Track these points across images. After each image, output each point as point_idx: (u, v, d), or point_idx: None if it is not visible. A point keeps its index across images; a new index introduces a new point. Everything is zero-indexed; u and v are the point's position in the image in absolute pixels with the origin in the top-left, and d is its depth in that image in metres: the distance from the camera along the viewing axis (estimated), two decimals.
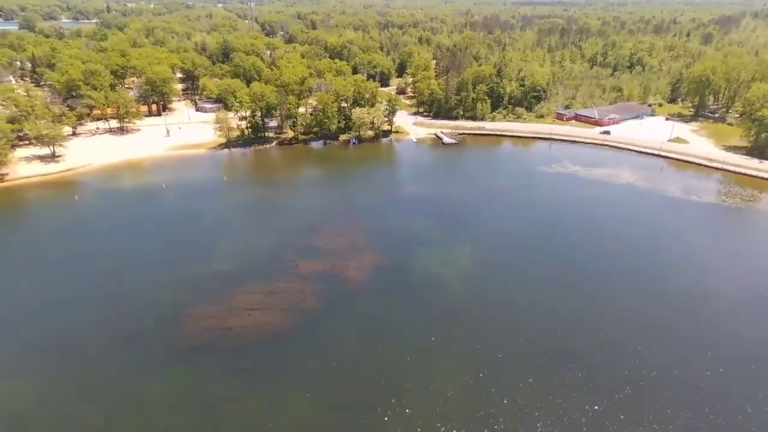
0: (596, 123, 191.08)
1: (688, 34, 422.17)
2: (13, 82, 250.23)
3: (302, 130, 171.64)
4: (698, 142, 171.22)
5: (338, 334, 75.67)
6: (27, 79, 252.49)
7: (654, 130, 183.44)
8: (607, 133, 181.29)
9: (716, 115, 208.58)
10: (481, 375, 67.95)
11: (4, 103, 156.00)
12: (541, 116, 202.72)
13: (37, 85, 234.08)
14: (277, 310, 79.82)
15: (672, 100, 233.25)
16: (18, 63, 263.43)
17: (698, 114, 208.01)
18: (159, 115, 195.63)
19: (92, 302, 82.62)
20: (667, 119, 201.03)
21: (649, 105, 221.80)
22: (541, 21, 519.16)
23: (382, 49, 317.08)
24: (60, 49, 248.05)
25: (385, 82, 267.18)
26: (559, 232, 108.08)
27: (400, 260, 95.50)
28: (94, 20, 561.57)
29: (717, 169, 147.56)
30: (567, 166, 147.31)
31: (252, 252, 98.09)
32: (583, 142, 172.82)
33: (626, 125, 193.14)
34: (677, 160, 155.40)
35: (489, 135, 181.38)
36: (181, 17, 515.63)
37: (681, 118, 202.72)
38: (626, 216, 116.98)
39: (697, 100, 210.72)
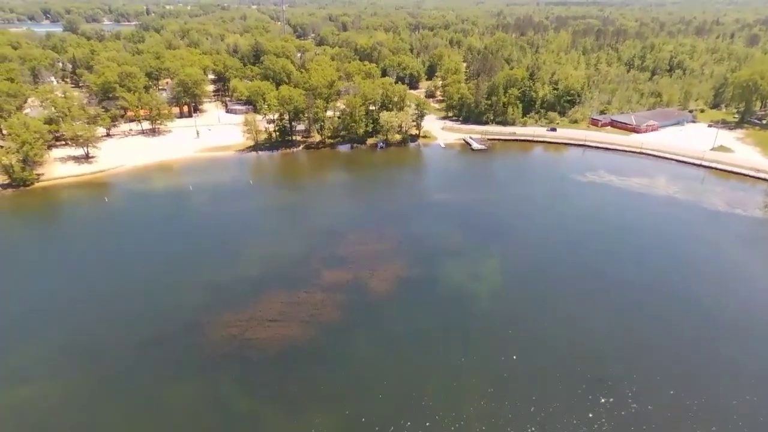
0: (633, 129, 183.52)
1: (732, 36, 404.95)
2: (55, 83, 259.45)
3: (329, 134, 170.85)
4: (744, 151, 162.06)
5: (360, 349, 73.67)
6: (68, 80, 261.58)
7: (695, 138, 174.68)
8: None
9: (764, 122, 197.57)
10: (507, 397, 64.72)
11: (44, 104, 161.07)
12: (575, 121, 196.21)
13: (77, 86, 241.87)
14: (298, 321, 78.39)
15: (715, 106, 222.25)
16: (60, 64, 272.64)
17: (744, 121, 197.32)
18: (190, 116, 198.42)
19: (118, 304, 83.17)
20: (709, 126, 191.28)
21: (690, 111, 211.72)
22: (576, 22, 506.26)
23: (412, 51, 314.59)
24: (99, 51, 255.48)
25: (414, 84, 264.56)
26: (594, 246, 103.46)
27: (426, 272, 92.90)
28: (135, 22, 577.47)
29: (765, 180, 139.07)
30: (602, 175, 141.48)
31: (276, 259, 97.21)
32: (619, 150, 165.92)
33: (665, 132, 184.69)
34: (720, 170, 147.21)
35: (520, 141, 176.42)
36: (216, 19, 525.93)
37: (725, 124, 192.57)
38: (665, 230, 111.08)
39: (743, 105, 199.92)
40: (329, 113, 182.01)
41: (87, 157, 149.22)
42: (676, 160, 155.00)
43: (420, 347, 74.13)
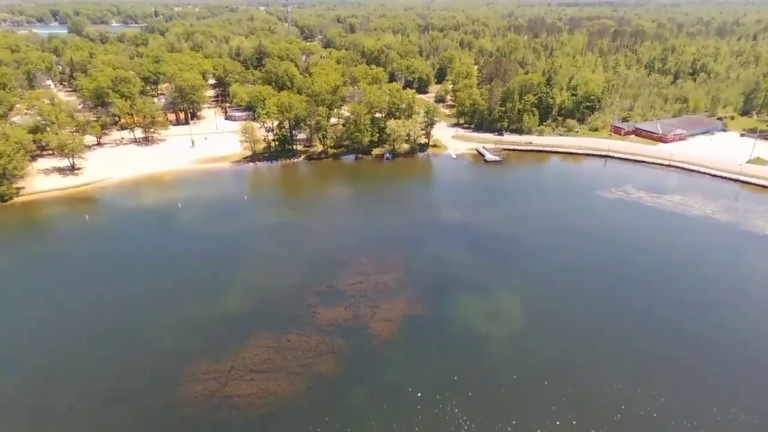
0: (660, 139, 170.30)
1: (754, 38, 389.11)
2: (52, 87, 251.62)
3: (332, 144, 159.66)
4: None
5: (358, 411, 62.19)
6: (66, 84, 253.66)
7: (728, 149, 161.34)
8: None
9: None
10: None
11: (29, 111, 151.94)
12: (595, 129, 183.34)
13: (75, 90, 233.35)
14: (286, 373, 67.17)
15: (745, 113, 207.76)
16: (59, 68, 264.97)
17: None
18: (187, 123, 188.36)
19: (82, 347, 72.74)
20: (742, 135, 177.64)
21: (719, 118, 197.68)
22: (590, 23, 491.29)
23: (421, 53, 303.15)
24: (98, 54, 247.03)
25: (423, 88, 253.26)
26: (630, 278, 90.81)
27: (435, 309, 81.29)
28: (143, 24, 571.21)
29: None
30: (630, 191, 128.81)
31: (266, 291, 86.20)
32: (645, 162, 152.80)
33: (694, 142, 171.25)
34: (760, 186, 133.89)
35: (537, 151, 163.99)
36: (223, 21, 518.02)
37: (759, 133, 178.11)
38: (710, 260, 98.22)
39: None
40: (333, 120, 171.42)
41: (73, 169, 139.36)
42: (710, 174, 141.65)
43: (430, 409, 62.45)
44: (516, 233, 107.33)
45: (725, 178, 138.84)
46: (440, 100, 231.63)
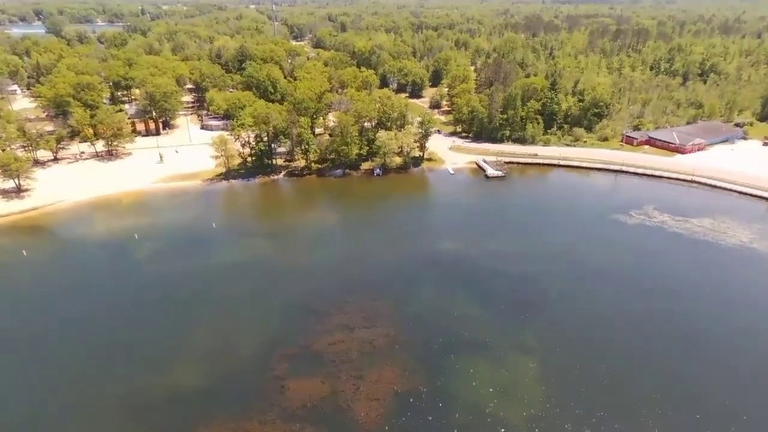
0: (677, 149, 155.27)
1: (759, 35, 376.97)
2: (18, 92, 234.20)
3: (316, 158, 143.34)
4: None
5: None
6: (33, 89, 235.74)
7: (752, 160, 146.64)
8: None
9: None
10: None
11: None
12: (605, 139, 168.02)
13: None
14: None
15: (764, 118, 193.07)
16: (27, 72, 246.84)
17: None
18: (158, 133, 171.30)
19: None
20: (765, 144, 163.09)
21: (737, 125, 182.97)
22: (588, 21, 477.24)
23: (414, 54, 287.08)
24: (66, 56, 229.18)
25: (417, 92, 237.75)
26: (671, 332, 75.01)
27: (433, 381, 65.60)
28: (129, 23, 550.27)
29: None
30: (651, 214, 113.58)
31: (226, 357, 70.17)
32: (665, 177, 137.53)
33: (714, 152, 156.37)
34: None
35: (543, 164, 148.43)
36: (210, 19, 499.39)
37: None
38: (759, 305, 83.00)
39: None
40: (319, 130, 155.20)
41: (19, 191, 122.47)
42: (738, 192, 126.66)
43: None
44: (526, 272, 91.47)
45: (756, 196, 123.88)
46: (435, 105, 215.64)
